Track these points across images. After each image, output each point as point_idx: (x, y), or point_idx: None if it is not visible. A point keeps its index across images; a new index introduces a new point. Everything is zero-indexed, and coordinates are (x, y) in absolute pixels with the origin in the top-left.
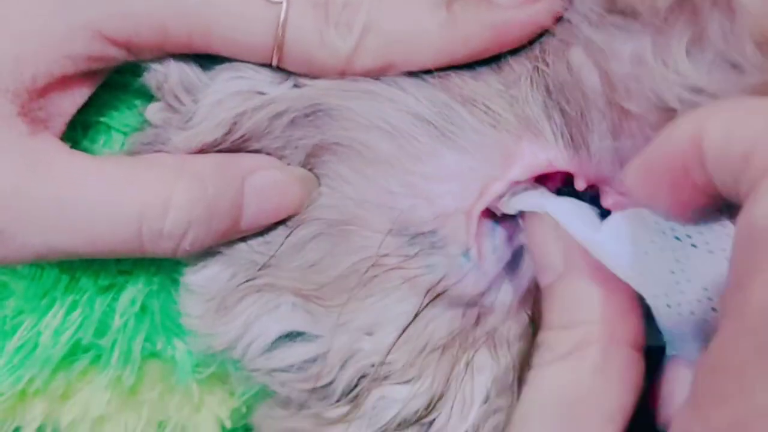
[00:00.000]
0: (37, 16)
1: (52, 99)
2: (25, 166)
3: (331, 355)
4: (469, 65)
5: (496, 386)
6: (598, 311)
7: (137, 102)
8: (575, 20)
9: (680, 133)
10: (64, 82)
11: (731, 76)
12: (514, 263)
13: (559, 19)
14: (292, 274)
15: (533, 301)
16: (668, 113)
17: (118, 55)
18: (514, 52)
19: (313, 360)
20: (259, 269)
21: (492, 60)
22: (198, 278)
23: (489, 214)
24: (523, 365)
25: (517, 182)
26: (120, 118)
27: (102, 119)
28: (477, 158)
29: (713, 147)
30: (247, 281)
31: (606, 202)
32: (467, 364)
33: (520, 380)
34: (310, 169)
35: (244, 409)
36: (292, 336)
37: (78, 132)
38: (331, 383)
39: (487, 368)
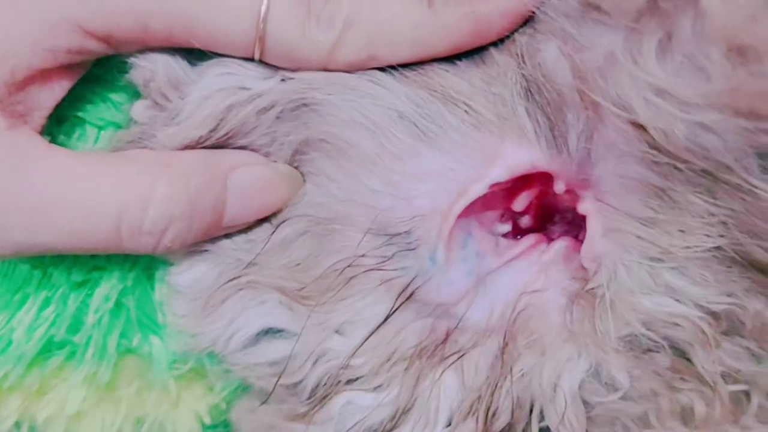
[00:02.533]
0: (17, 10)
1: (31, 93)
2: (3, 161)
3: (302, 353)
4: (452, 61)
5: (460, 411)
6: None
7: (112, 95)
8: (553, 14)
9: None
10: (44, 75)
11: (697, 81)
12: (486, 284)
13: (535, 12)
14: (277, 272)
15: (504, 335)
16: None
17: (98, 48)
18: (497, 45)
19: (290, 357)
20: (245, 267)
21: (475, 54)
22: (184, 278)
23: (468, 219)
24: (491, 396)
25: (497, 183)
26: (94, 111)
27: (77, 113)
28: (457, 158)
29: None
30: (232, 279)
31: (582, 207)
32: (434, 382)
33: (487, 410)
34: (296, 167)
35: (223, 405)
36: (272, 332)
37: (53, 125)
38: (302, 381)
39: (453, 390)
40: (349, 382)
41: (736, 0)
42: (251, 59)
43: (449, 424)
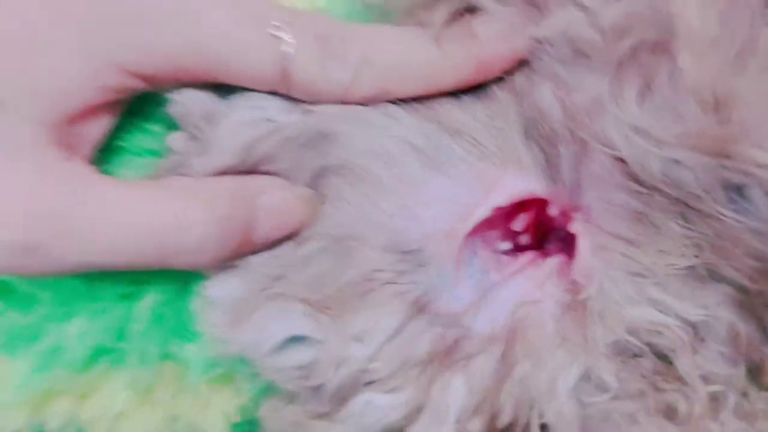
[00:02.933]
0: (70, 55)
1: (82, 127)
2: (60, 189)
3: (325, 359)
4: (458, 96)
5: (468, 410)
6: None
7: (150, 126)
8: (547, 59)
9: None
10: (93, 111)
11: (672, 123)
12: (489, 297)
13: (532, 56)
14: (300, 286)
15: (506, 343)
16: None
17: (140, 86)
18: (499, 83)
19: (314, 362)
20: (272, 281)
21: (479, 91)
22: (217, 291)
23: (474, 239)
24: (495, 397)
25: (498, 208)
26: (134, 140)
27: (119, 142)
28: (463, 185)
29: None
30: (261, 291)
31: (573, 227)
32: (444, 384)
33: (491, 410)
34: (316, 189)
35: (250, 405)
36: (297, 339)
37: (98, 153)
38: (324, 384)
39: (461, 392)
40: (367, 384)
41: (708, 60)
42: (276, 93)
43: (458, 422)
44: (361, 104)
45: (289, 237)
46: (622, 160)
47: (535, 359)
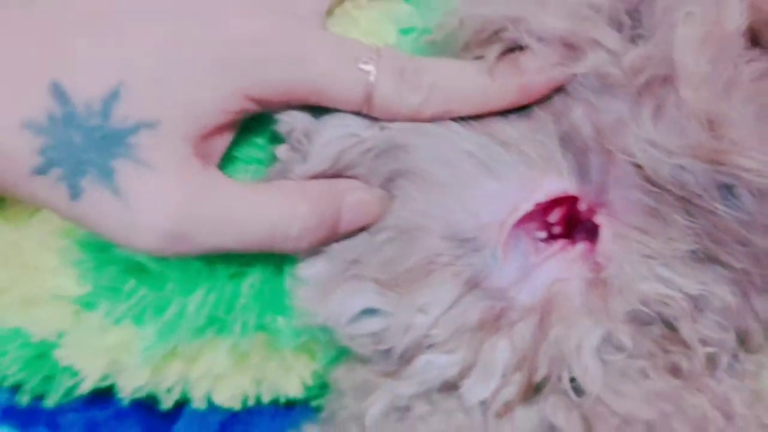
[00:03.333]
0: (208, 86)
1: (212, 141)
2: (201, 190)
3: (394, 327)
4: (507, 116)
5: (511, 366)
6: None
7: (256, 139)
8: (580, 87)
9: None
10: (221, 128)
11: (678, 137)
12: (530, 275)
13: (568, 85)
14: (373, 268)
15: (542, 312)
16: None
17: (256, 108)
18: (540, 105)
19: (385, 329)
20: (351, 264)
21: (524, 111)
22: (308, 272)
23: (517, 229)
24: (534, 356)
25: (539, 203)
26: (243, 151)
27: (232, 153)
28: (511, 186)
29: None
30: (342, 272)
31: (598, 219)
32: (492, 345)
33: (530, 366)
34: (387, 190)
35: (322, 371)
36: (370, 311)
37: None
38: (393, 347)
39: (506, 352)
40: (428, 347)
41: (702, 91)
42: (360, 113)
43: (503, 376)
44: (428, 122)
45: (365, 228)
46: (639, 167)
47: (566, 325)
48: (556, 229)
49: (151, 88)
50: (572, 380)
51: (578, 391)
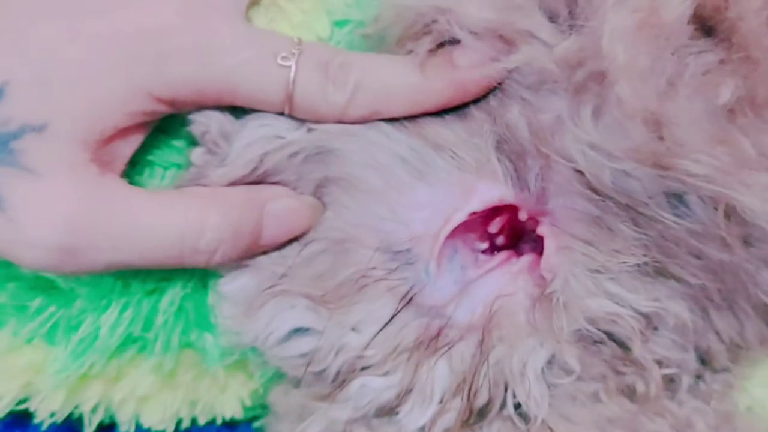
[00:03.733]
0: (104, 85)
1: (114, 146)
2: (96, 200)
3: (326, 347)
4: (442, 116)
5: (450, 391)
6: None
7: (174, 142)
8: (516, 84)
9: None
10: (124, 132)
11: (619, 139)
12: (469, 290)
13: (504, 82)
14: (303, 282)
15: (483, 331)
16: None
17: (165, 109)
18: (476, 103)
19: (315, 349)
20: (278, 279)
21: (459, 110)
22: (230, 287)
23: (454, 240)
24: (473, 379)
25: (474, 213)
26: (161, 155)
27: (147, 157)
28: (445, 193)
29: None
30: (268, 288)
31: (540, 230)
32: (429, 368)
33: (470, 390)
34: (318, 198)
35: (261, 390)
36: (301, 330)
37: (129, 167)
38: (326, 369)
39: (444, 374)
40: (363, 369)
41: (641, 87)
42: (283, 113)
43: (441, 401)
44: (356, 123)
45: (294, 239)
46: (580, 172)
47: (508, 345)
48: (499, 240)
49: (39, 88)
50: (517, 405)
51: (523, 416)
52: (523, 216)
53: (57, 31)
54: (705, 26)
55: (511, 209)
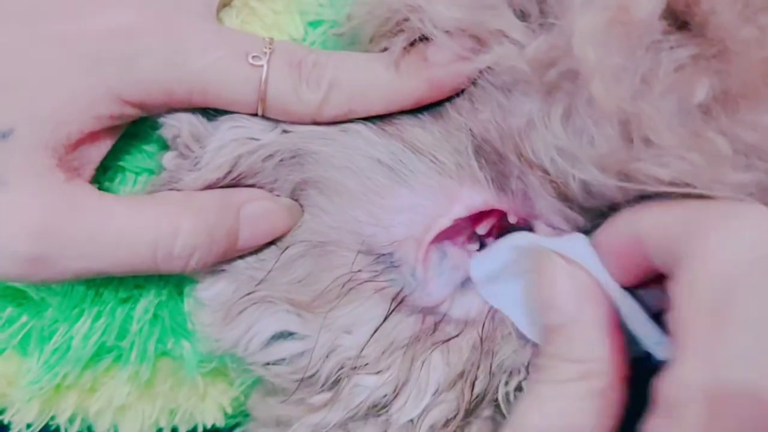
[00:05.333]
0: (69, 87)
1: (82, 151)
2: (63, 207)
3: (316, 350)
4: (420, 119)
5: (445, 383)
6: (607, 353)
7: (146, 147)
8: (488, 85)
9: (620, 229)
10: (92, 136)
11: (587, 144)
12: (462, 290)
13: (477, 82)
14: (284, 287)
15: (483, 324)
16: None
17: (134, 112)
18: (453, 104)
19: (301, 355)
20: (257, 284)
21: (436, 110)
22: (208, 294)
23: (442, 242)
24: (472, 371)
25: (459, 218)
26: (132, 160)
27: (118, 162)
28: (426, 197)
29: (653, 236)
30: (247, 294)
31: (539, 231)
32: (424, 362)
33: (470, 381)
34: (296, 200)
35: (242, 398)
36: (284, 335)
37: (100, 173)
38: (316, 374)
39: (439, 368)
40: (356, 368)
41: (616, 86)
42: (256, 114)
43: (435, 393)
44: (332, 123)
45: (272, 243)
46: (550, 179)
47: (504, 338)
48: (489, 241)
49: (2, 93)
50: (507, 396)
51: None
52: (512, 219)
53: (19, 33)
54: (678, 20)
55: (498, 213)
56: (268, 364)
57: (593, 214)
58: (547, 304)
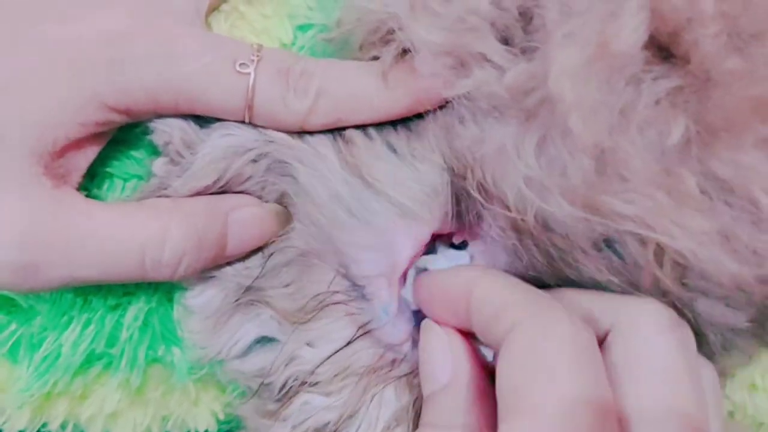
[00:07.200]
0: (55, 93)
1: (69, 158)
2: (50, 214)
3: (279, 357)
4: (386, 146)
5: (395, 419)
6: (473, 420)
7: (134, 153)
8: (465, 109)
9: (457, 282)
10: (78, 143)
11: (558, 175)
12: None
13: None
14: (269, 293)
15: None
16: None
17: (120, 119)
18: (431, 123)
19: (271, 361)
20: (244, 292)
21: (410, 133)
22: (197, 301)
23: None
24: (418, 403)
25: (414, 256)
26: (120, 167)
27: (106, 169)
28: (384, 238)
29: (474, 303)
30: (235, 302)
31: (471, 250)
32: (375, 395)
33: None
34: (284, 206)
35: (235, 403)
36: (264, 340)
37: (87, 180)
38: (273, 382)
39: (391, 403)
40: (309, 385)
41: (594, 120)
42: (244, 122)
43: (386, 429)
44: (319, 130)
45: (259, 250)
46: (507, 208)
47: None
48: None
49: None
50: None
51: None
52: (457, 240)
53: (6, 37)
54: (662, 50)
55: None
56: (242, 369)
57: (540, 251)
58: (425, 374)
